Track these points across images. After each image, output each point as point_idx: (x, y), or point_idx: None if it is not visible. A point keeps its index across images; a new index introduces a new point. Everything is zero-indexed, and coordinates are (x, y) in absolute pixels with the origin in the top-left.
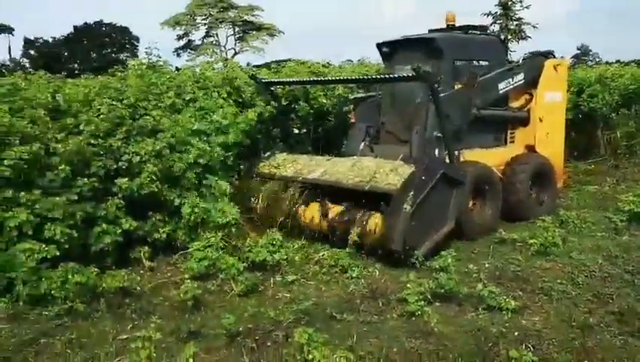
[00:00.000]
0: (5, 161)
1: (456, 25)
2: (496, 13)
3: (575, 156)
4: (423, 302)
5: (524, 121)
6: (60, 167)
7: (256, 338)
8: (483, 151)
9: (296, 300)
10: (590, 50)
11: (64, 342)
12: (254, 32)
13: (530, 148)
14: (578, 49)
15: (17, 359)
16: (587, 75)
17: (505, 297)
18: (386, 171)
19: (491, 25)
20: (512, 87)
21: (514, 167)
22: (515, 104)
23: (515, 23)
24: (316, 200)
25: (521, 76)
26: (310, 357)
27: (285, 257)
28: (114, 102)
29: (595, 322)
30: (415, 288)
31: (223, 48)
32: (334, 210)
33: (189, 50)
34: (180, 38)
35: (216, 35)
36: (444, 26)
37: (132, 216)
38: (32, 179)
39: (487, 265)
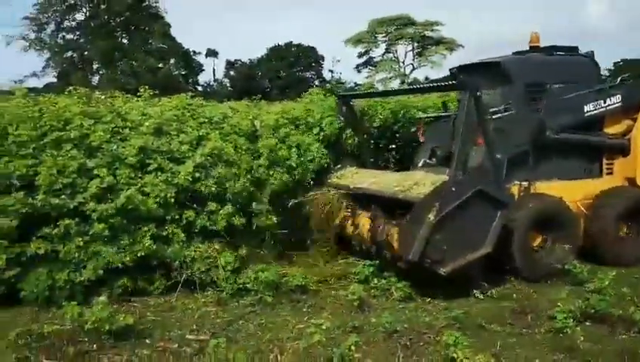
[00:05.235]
0: (211, 180)
1: (540, 45)
2: None
3: None
4: (571, 321)
5: (623, 150)
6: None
7: (410, 337)
8: (564, 182)
9: (450, 308)
10: None
11: (255, 326)
12: (433, 47)
13: (632, 182)
14: None
15: (222, 335)
16: None
17: None
18: (425, 183)
19: None
20: (602, 110)
21: (599, 202)
22: (612, 130)
23: None
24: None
25: (617, 98)
26: (454, 356)
27: None
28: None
29: None
30: (565, 306)
31: (401, 64)
32: (365, 220)
33: (369, 66)
34: (361, 55)
35: (396, 50)
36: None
37: None
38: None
39: None
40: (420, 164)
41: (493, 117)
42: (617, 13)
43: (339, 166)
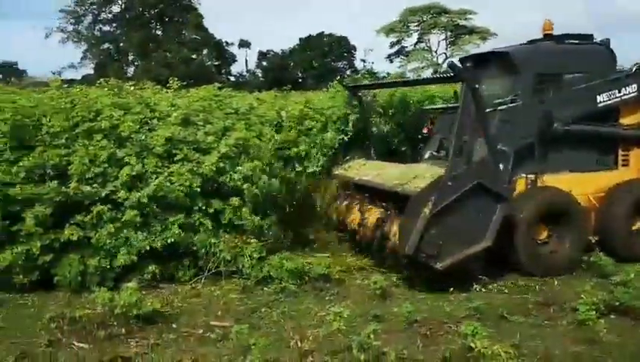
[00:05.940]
0: (238, 174)
1: (554, 34)
2: None
3: None
4: (594, 313)
5: None
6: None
7: (430, 327)
8: (574, 175)
9: (472, 299)
10: None
11: (279, 313)
12: (466, 36)
13: None
14: None
15: (245, 321)
16: None
17: None
18: (425, 176)
19: None
20: (617, 100)
21: (610, 195)
22: (628, 120)
23: None
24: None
25: (633, 88)
26: (472, 345)
27: None
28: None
29: None
30: (589, 299)
31: (434, 53)
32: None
33: (401, 56)
34: (393, 45)
35: (428, 40)
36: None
37: None
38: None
39: None
40: (426, 156)
41: (499, 108)
42: None
43: (347, 158)
